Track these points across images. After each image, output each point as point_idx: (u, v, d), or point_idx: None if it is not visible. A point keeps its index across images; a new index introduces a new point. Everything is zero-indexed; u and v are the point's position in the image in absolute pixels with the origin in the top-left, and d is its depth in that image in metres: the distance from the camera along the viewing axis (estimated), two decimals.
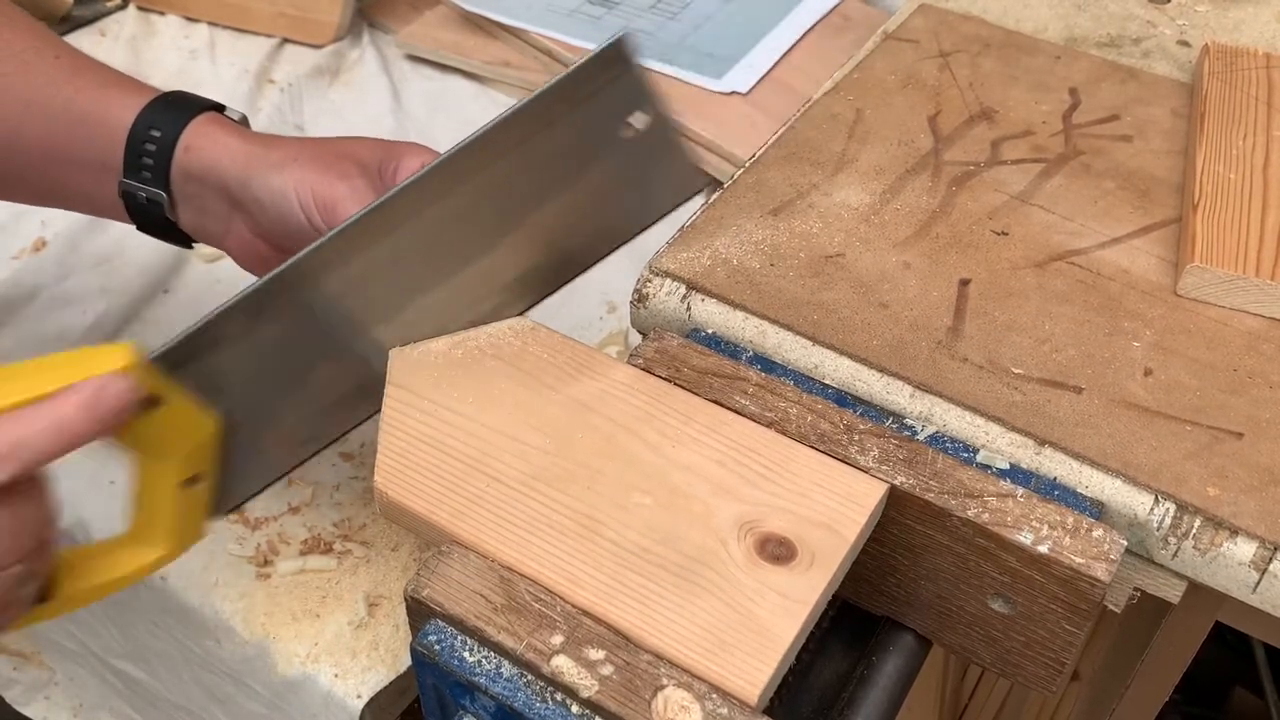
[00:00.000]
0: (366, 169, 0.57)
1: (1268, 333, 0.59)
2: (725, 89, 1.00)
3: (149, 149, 0.58)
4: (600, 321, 0.84)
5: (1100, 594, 0.48)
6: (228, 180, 0.58)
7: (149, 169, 0.58)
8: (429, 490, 0.50)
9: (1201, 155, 0.66)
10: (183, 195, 0.59)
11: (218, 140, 0.58)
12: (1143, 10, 0.83)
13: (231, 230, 0.60)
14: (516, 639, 0.45)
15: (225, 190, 0.58)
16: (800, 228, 0.64)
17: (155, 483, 0.50)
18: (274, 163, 0.57)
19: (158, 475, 0.50)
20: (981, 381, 0.56)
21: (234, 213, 0.59)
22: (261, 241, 0.59)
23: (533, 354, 0.56)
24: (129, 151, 0.58)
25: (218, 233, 0.61)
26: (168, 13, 1.14)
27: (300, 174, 0.56)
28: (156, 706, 0.78)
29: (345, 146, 0.58)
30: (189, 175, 0.58)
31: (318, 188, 0.55)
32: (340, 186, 0.55)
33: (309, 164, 0.56)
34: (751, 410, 0.53)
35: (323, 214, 0.55)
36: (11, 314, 0.83)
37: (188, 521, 0.52)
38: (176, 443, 0.50)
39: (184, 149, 0.58)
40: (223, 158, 0.58)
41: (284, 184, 0.56)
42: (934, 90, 0.74)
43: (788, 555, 0.47)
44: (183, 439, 0.50)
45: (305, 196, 0.55)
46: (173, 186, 0.59)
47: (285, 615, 0.65)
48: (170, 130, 0.58)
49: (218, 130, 0.59)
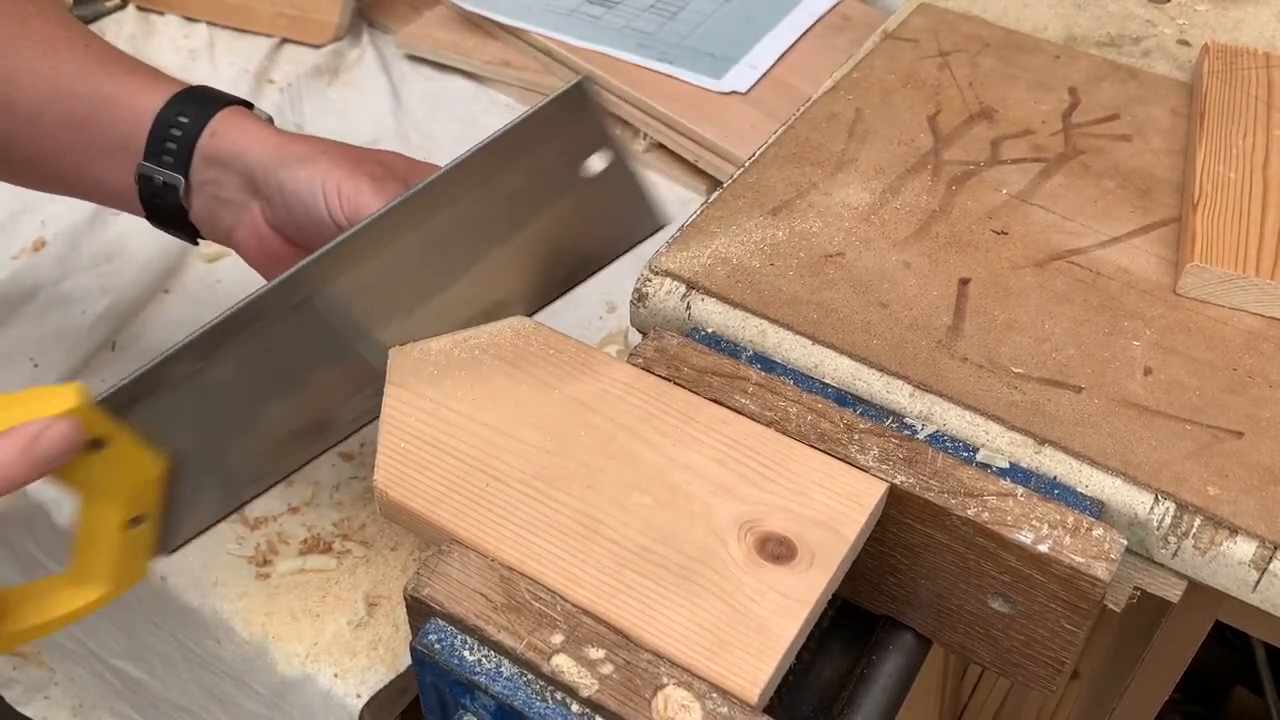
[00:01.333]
0: (393, 174, 0.58)
1: (1267, 332, 0.59)
2: (725, 89, 1.00)
3: (174, 133, 0.59)
4: (600, 321, 0.84)
5: (1100, 593, 0.48)
6: (253, 167, 0.58)
7: (171, 153, 0.59)
8: (429, 490, 0.50)
9: (1201, 154, 0.66)
10: (200, 181, 0.60)
11: (246, 129, 0.59)
12: (1142, 10, 0.83)
13: (244, 221, 0.60)
14: (516, 638, 0.45)
15: (248, 177, 0.59)
16: (800, 227, 0.64)
17: (98, 523, 0.51)
18: (303, 155, 0.57)
19: (101, 515, 0.50)
20: (981, 381, 0.56)
21: (251, 201, 0.59)
22: (275, 234, 0.60)
23: (533, 353, 0.56)
24: (153, 135, 0.59)
25: (229, 223, 0.61)
26: (167, 13, 1.14)
27: (329, 168, 0.56)
28: (156, 706, 0.78)
29: (373, 153, 0.60)
30: (212, 160, 0.59)
31: (345, 185, 0.56)
32: (367, 186, 0.56)
33: (339, 160, 0.57)
34: (751, 409, 0.53)
35: (346, 211, 0.55)
36: (11, 314, 0.83)
37: (130, 561, 0.52)
38: (121, 484, 0.50)
39: (210, 134, 0.59)
40: (251, 145, 0.58)
41: (311, 176, 0.56)
42: (934, 90, 0.74)
43: (788, 554, 0.47)
44: (128, 480, 0.50)
45: (331, 191, 0.56)
46: (192, 172, 0.59)
47: (285, 615, 0.65)
48: (198, 117, 0.59)
49: (246, 121, 0.60)
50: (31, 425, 0.45)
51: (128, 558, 0.52)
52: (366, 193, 0.55)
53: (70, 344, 0.80)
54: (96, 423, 0.48)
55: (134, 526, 0.51)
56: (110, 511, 0.50)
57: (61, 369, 0.79)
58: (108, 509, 0.50)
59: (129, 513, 0.51)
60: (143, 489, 0.51)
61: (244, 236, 0.61)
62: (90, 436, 0.47)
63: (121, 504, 0.50)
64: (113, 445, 0.49)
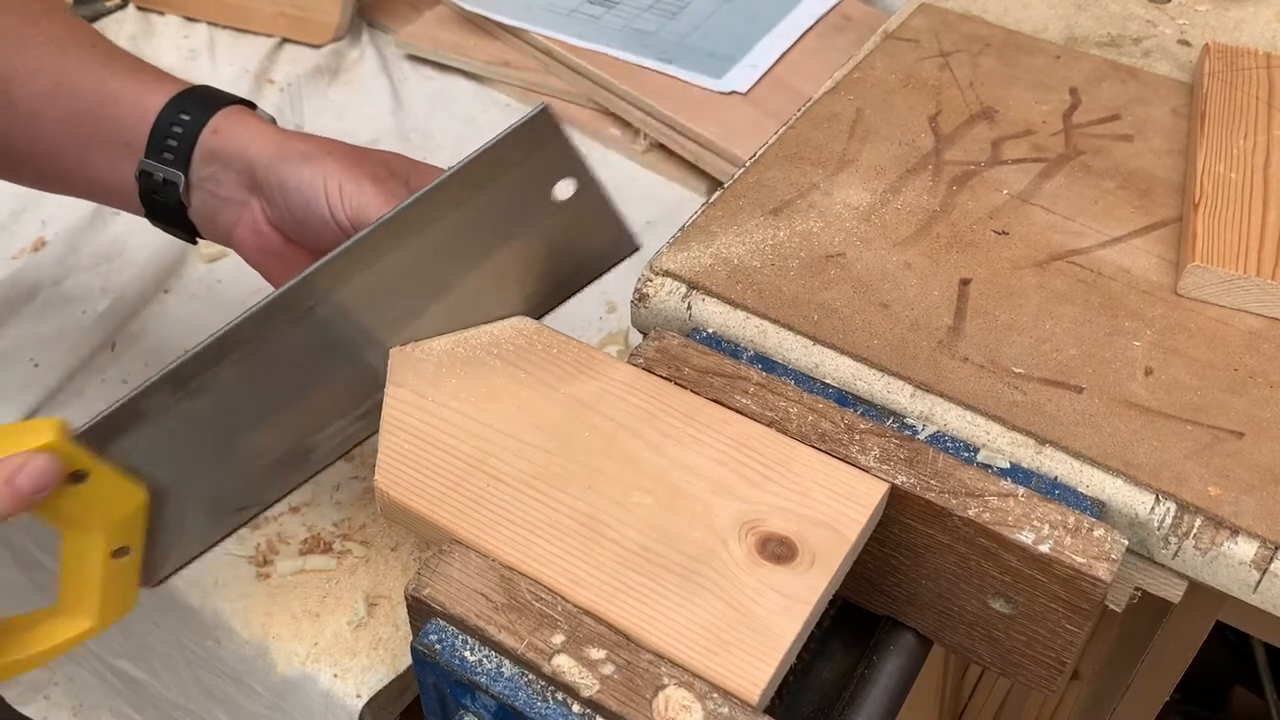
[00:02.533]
0: (395, 174, 0.58)
1: (1268, 332, 0.59)
2: (725, 88, 1.00)
3: (175, 130, 0.59)
4: (600, 321, 0.84)
5: (1101, 593, 0.47)
6: (254, 163, 0.58)
7: (171, 150, 0.59)
8: (430, 489, 0.50)
9: (1202, 155, 0.66)
10: (200, 178, 0.60)
11: (249, 127, 0.59)
12: (1143, 10, 0.83)
13: (243, 219, 0.60)
14: (517, 638, 0.45)
15: (249, 174, 0.59)
16: (801, 227, 0.64)
17: (83, 555, 0.51)
18: (306, 152, 0.57)
19: (85, 548, 0.51)
20: (982, 381, 0.56)
21: (252, 198, 0.60)
22: (274, 233, 0.60)
23: (533, 353, 0.56)
24: (155, 132, 0.59)
25: (228, 220, 0.61)
26: (167, 13, 1.14)
27: (332, 166, 0.56)
28: (156, 706, 0.78)
29: (376, 153, 0.60)
30: (212, 156, 0.59)
31: (347, 183, 0.56)
32: (369, 186, 0.56)
33: (342, 159, 0.57)
34: (752, 409, 0.53)
35: (348, 210, 0.55)
36: (11, 314, 0.83)
37: (117, 592, 0.53)
38: (104, 515, 0.50)
39: (212, 131, 0.59)
40: (254, 142, 0.59)
41: (314, 174, 0.56)
42: (934, 90, 0.74)
43: (788, 555, 0.47)
44: (110, 512, 0.50)
45: (333, 190, 0.56)
46: (192, 169, 0.59)
47: (285, 615, 0.65)
48: (200, 115, 0.59)
49: (248, 119, 0.60)
50: (11, 460, 0.45)
51: (114, 589, 0.52)
52: (369, 192, 0.55)
53: (70, 344, 0.80)
54: (76, 456, 0.48)
55: (118, 558, 0.51)
56: (94, 543, 0.50)
57: (61, 369, 0.79)
58: (91, 541, 0.50)
59: (113, 544, 0.51)
60: (125, 520, 0.51)
61: (243, 234, 0.61)
62: (70, 469, 0.48)
63: (104, 536, 0.50)
64: (93, 478, 0.49)
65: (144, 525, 0.52)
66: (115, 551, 0.51)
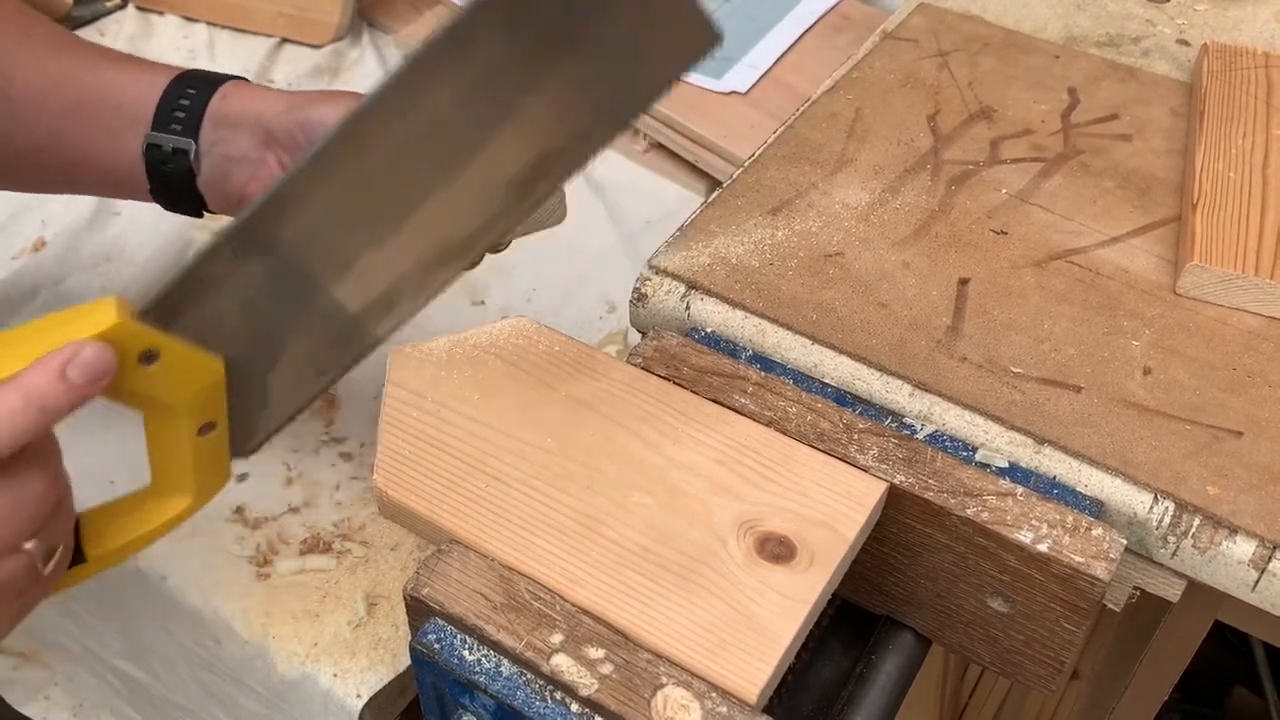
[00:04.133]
0: None
1: (1267, 331, 0.59)
2: (725, 88, 1.00)
3: (182, 103, 0.61)
4: (600, 321, 0.84)
5: (1100, 593, 0.48)
6: (266, 118, 0.59)
7: (180, 120, 0.60)
8: (429, 489, 0.50)
9: (1201, 154, 0.66)
10: (210, 143, 0.61)
11: (255, 91, 0.61)
12: (1142, 9, 0.83)
13: (258, 176, 0.61)
14: (516, 638, 0.45)
15: (263, 130, 0.60)
16: (800, 227, 0.64)
17: (168, 436, 0.49)
18: (323, 97, 0.59)
19: (169, 428, 0.49)
20: (981, 380, 0.56)
21: (268, 153, 0.60)
22: None
23: (533, 353, 0.56)
24: (161, 106, 0.61)
25: (241, 180, 0.61)
26: (167, 13, 1.14)
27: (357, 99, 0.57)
28: (156, 706, 0.78)
29: None
30: (223, 120, 0.60)
31: None
32: None
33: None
34: (751, 409, 0.53)
35: None
36: (11, 314, 0.83)
37: (209, 468, 0.51)
38: (182, 394, 0.48)
39: (221, 97, 0.61)
40: (263, 101, 0.60)
41: (337, 109, 0.57)
42: (933, 89, 0.74)
43: (787, 554, 0.47)
44: (187, 389, 0.48)
45: None
46: (201, 135, 0.61)
47: (285, 615, 0.65)
48: (205, 88, 0.61)
49: (254, 87, 0.62)
50: (59, 353, 0.43)
51: (206, 465, 0.51)
52: None
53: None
54: (142, 337, 0.46)
55: (204, 434, 0.50)
56: (177, 423, 0.49)
57: None
58: (174, 421, 0.49)
59: (196, 421, 0.49)
60: (205, 395, 0.49)
61: (257, 190, 0.61)
62: (139, 350, 0.46)
63: (187, 413, 0.49)
64: (165, 356, 0.47)
65: (224, 398, 0.51)
66: (201, 428, 0.50)
